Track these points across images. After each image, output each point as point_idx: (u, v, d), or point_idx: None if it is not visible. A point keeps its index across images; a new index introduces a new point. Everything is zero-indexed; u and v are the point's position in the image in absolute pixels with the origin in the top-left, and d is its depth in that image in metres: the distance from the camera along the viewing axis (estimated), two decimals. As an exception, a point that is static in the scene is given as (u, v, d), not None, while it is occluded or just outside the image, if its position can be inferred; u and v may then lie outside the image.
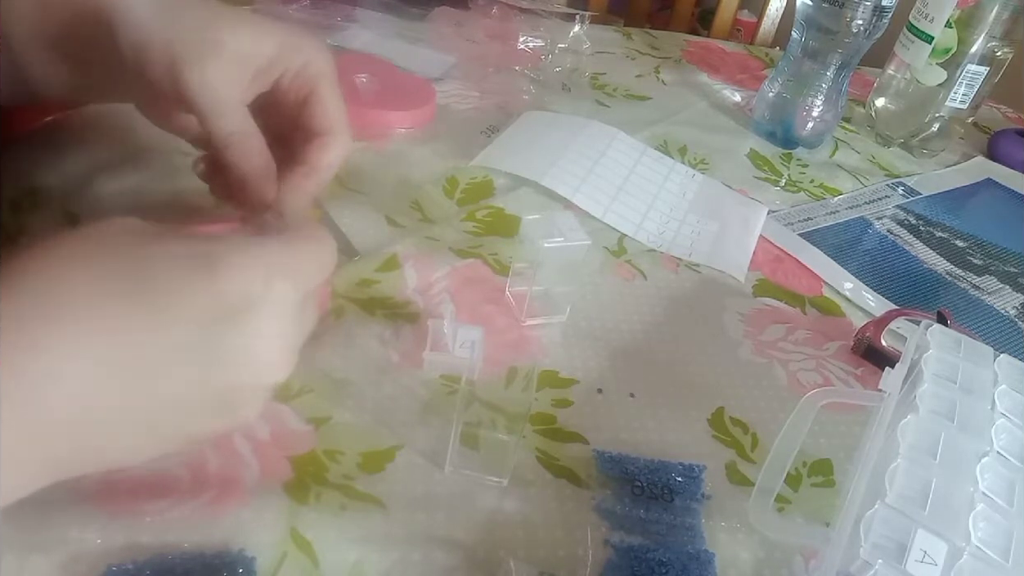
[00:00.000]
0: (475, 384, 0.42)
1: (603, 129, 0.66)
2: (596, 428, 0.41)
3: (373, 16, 0.78)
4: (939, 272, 0.63)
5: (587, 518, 0.36)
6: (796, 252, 0.60)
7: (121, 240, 0.27)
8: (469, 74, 0.73)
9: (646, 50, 0.90)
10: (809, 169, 0.73)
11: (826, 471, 0.42)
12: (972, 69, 0.73)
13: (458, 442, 0.37)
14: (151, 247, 0.27)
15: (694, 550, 0.36)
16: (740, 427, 0.43)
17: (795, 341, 0.51)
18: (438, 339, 0.42)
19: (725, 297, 0.54)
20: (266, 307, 0.28)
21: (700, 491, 0.39)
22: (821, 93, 0.71)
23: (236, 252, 0.27)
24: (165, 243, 0.27)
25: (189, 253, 0.27)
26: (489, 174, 0.60)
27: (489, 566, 0.33)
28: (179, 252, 0.27)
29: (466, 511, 0.35)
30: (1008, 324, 0.58)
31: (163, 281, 0.26)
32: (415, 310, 0.46)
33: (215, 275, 0.26)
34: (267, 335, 0.28)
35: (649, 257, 0.56)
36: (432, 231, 0.52)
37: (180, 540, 0.31)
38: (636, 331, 0.49)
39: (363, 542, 0.33)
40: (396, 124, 0.63)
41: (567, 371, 0.44)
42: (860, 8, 0.65)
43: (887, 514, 0.31)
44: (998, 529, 0.31)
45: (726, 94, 0.84)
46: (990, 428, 0.35)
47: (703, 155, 0.70)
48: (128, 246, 0.27)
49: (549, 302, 0.48)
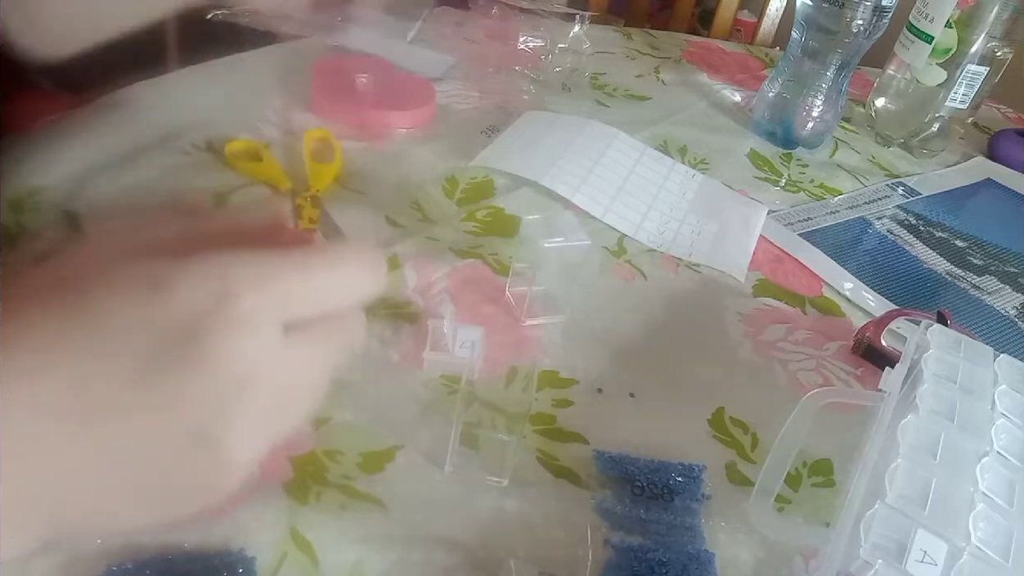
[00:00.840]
0: (475, 384, 0.42)
1: (603, 129, 0.66)
2: (596, 428, 0.41)
3: (373, 16, 0.78)
4: (939, 272, 0.63)
5: (587, 518, 0.36)
6: (796, 252, 0.60)
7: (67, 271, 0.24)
8: (469, 74, 0.73)
9: (646, 50, 0.90)
10: (809, 169, 0.73)
11: (826, 471, 0.42)
12: (972, 69, 0.73)
13: (458, 442, 0.37)
14: (96, 273, 0.24)
15: (694, 550, 0.36)
16: (740, 427, 0.43)
17: (795, 341, 0.51)
18: (438, 339, 0.42)
19: (725, 297, 0.54)
20: (222, 326, 0.23)
21: (700, 491, 0.39)
22: (821, 93, 0.71)
23: (190, 266, 0.23)
24: (113, 267, 0.24)
25: (135, 274, 0.23)
26: (489, 174, 0.60)
27: (489, 566, 0.33)
28: (125, 275, 0.23)
29: (466, 511, 0.35)
30: (1008, 324, 0.58)
31: (104, 309, 0.23)
32: (415, 310, 0.46)
33: (157, 292, 0.23)
34: (227, 360, 0.23)
35: (649, 257, 0.56)
36: (432, 231, 0.52)
37: (180, 540, 0.31)
38: (636, 331, 0.49)
39: (363, 542, 0.33)
40: (396, 124, 0.63)
41: (567, 371, 0.44)
42: (860, 8, 0.65)
43: (887, 514, 0.31)
44: (998, 529, 0.31)
45: (726, 94, 0.84)
46: (990, 428, 0.36)
47: (703, 155, 0.70)
48: (73, 277, 0.24)
49: (549, 302, 0.48)
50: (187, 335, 0.23)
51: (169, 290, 0.23)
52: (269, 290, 0.24)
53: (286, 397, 0.25)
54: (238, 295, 0.23)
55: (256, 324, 0.23)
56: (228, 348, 0.23)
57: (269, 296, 0.24)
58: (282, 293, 0.24)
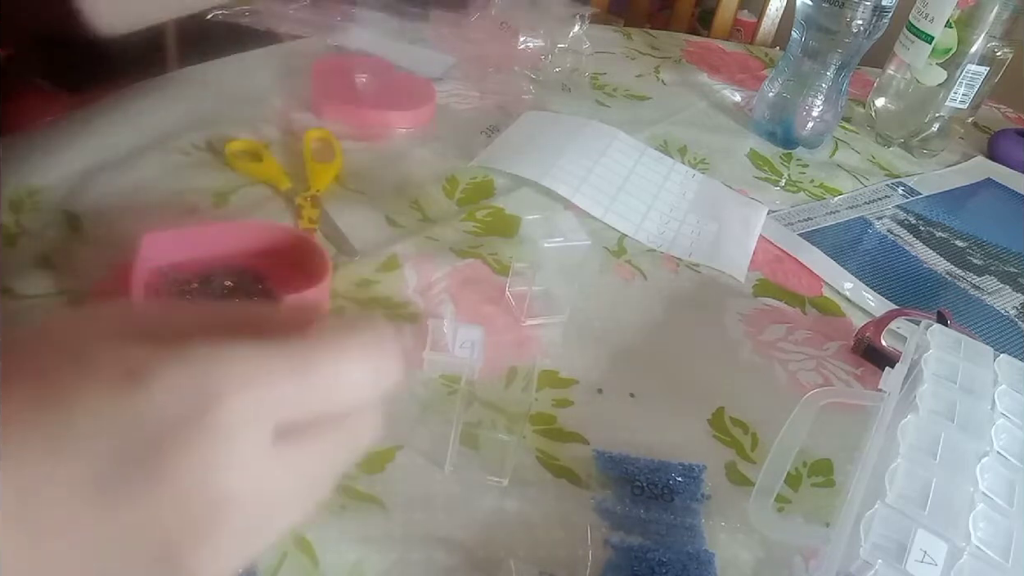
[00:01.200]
0: (475, 384, 0.42)
1: (603, 129, 0.66)
2: (596, 428, 0.41)
3: (373, 16, 0.78)
4: (939, 272, 0.63)
5: (587, 518, 0.36)
6: (796, 252, 0.60)
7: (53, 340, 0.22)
8: (469, 74, 0.73)
9: (646, 50, 0.90)
10: (809, 169, 0.73)
11: (826, 471, 0.42)
12: (972, 69, 0.73)
13: (458, 442, 0.37)
14: (77, 352, 0.21)
15: (694, 550, 0.36)
16: (740, 427, 0.43)
17: (795, 341, 0.51)
18: (438, 339, 0.42)
19: (725, 297, 0.54)
20: (198, 435, 0.20)
21: (700, 491, 0.39)
22: (821, 93, 0.71)
23: (172, 360, 0.20)
24: (96, 347, 0.21)
25: (114, 361, 0.20)
26: (489, 174, 0.60)
27: (489, 566, 0.33)
28: (104, 359, 0.21)
29: (466, 511, 0.35)
30: (1008, 324, 0.58)
31: (74, 398, 0.20)
32: (415, 310, 0.46)
33: (135, 389, 0.20)
34: (201, 477, 0.20)
35: (649, 257, 0.56)
36: (432, 231, 0.52)
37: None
38: (636, 331, 0.49)
39: (363, 542, 0.33)
40: (396, 124, 0.63)
41: (567, 371, 0.44)
42: (860, 8, 0.65)
43: (887, 514, 0.31)
44: (998, 529, 0.31)
45: (726, 94, 0.84)
46: (990, 428, 0.35)
47: (703, 155, 0.70)
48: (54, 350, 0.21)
49: (549, 302, 0.48)
50: (159, 443, 0.20)
51: (145, 386, 0.20)
52: (258, 395, 0.21)
53: (271, 512, 0.22)
54: (220, 400, 0.20)
55: (239, 434, 0.20)
56: (203, 463, 0.20)
57: (257, 401, 0.21)
58: (274, 398, 0.21)
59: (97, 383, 0.20)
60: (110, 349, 0.21)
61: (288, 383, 0.21)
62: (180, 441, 0.20)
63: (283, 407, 0.21)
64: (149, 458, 0.20)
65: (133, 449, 0.20)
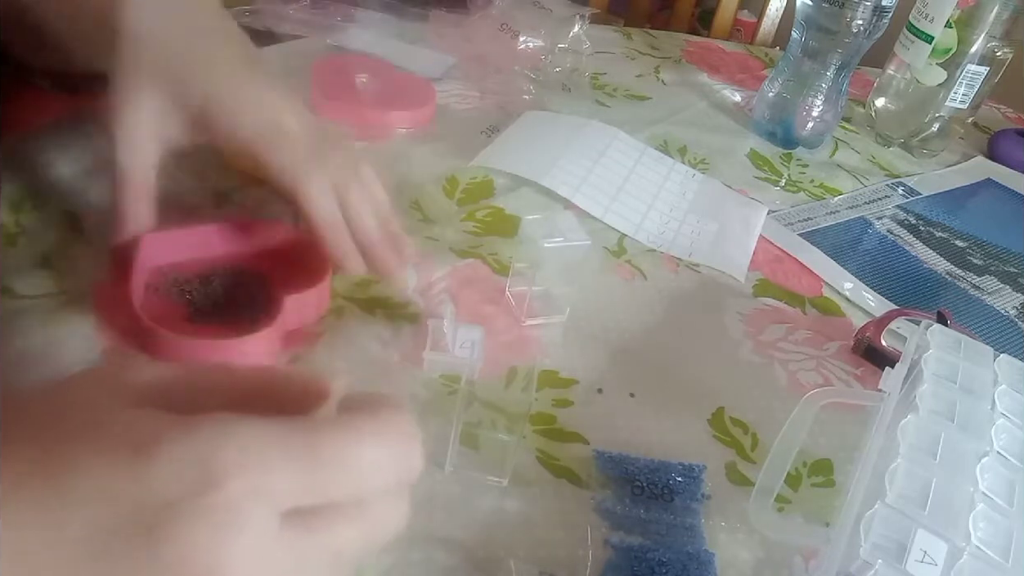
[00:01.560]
0: (475, 384, 0.42)
1: (603, 129, 0.66)
2: (596, 428, 0.41)
3: (373, 16, 0.78)
4: (939, 272, 0.63)
5: (587, 518, 0.36)
6: (796, 252, 0.60)
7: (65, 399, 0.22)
8: (469, 74, 0.73)
9: (646, 50, 0.90)
10: (809, 169, 0.73)
11: (826, 471, 0.42)
12: (972, 69, 0.73)
13: (458, 442, 0.37)
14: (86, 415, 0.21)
15: (694, 550, 0.36)
16: (740, 427, 0.43)
17: (795, 341, 0.51)
18: (438, 339, 0.42)
19: (725, 297, 0.54)
20: (197, 516, 0.19)
21: (700, 491, 0.39)
22: (821, 93, 0.71)
23: (179, 434, 0.20)
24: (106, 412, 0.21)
25: (121, 429, 0.20)
26: (489, 174, 0.60)
27: (489, 566, 0.33)
28: (112, 425, 0.21)
29: (466, 511, 0.35)
30: (1008, 324, 0.58)
31: (76, 463, 0.20)
32: (415, 310, 0.46)
33: (135, 459, 0.20)
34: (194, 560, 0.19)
35: (649, 257, 0.56)
36: (432, 231, 0.52)
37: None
38: (636, 331, 0.49)
39: (363, 542, 0.33)
40: (396, 124, 0.63)
41: (567, 371, 0.44)
42: (860, 8, 0.65)
43: (887, 514, 0.31)
44: (998, 529, 0.31)
45: (726, 94, 0.84)
46: (990, 428, 0.36)
47: (703, 155, 0.70)
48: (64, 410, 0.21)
49: (549, 302, 0.48)
50: (158, 518, 0.19)
51: (149, 460, 0.20)
52: (262, 478, 0.20)
53: None
54: (222, 480, 0.19)
55: (240, 516, 0.20)
56: (200, 542, 0.19)
57: (261, 484, 0.20)
58: (278, 481, 0.20)
59: (103, 454, 0.20)
60: (121, 419, 0.21)
61: (295, 467, 0.21)
62: (179, 518, 0.19)
63: (290, 491, 0.21)
64: (147, 532, 0.19)
65: (132, 522, 0.19)
